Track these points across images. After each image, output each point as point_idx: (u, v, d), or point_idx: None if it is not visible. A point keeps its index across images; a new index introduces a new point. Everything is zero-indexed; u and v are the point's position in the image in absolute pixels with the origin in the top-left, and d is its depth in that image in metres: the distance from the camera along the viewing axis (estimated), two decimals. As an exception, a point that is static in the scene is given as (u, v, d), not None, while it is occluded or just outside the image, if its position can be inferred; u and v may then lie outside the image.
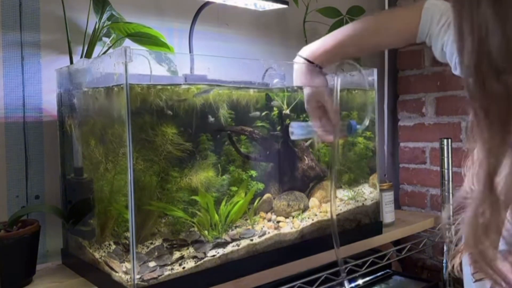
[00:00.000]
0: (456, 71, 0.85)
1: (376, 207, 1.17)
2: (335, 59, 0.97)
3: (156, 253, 0.80)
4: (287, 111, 1.01)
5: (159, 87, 0.81)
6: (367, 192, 1.15)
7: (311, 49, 0.96)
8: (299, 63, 0.96)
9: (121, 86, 0.75)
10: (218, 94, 0.90)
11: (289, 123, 1.00)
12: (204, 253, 0.84)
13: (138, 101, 0.77)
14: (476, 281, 0.52)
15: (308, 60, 0.95)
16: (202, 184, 0.86)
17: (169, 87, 0.83)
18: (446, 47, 0.85)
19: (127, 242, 0.76)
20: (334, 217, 0.95)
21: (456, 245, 0.54)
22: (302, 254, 0.98)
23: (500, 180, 0.46)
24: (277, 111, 1.00)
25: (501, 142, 0.45)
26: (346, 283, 1.01)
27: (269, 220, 0.97)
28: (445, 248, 1.37)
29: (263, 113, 0.98)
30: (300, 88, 0.99)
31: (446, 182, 1.34)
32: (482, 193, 0.47)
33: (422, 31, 0.90)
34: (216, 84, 0.90)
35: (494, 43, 0.43)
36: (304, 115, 1.04)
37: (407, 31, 0.93)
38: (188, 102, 0.85)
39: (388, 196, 1.26)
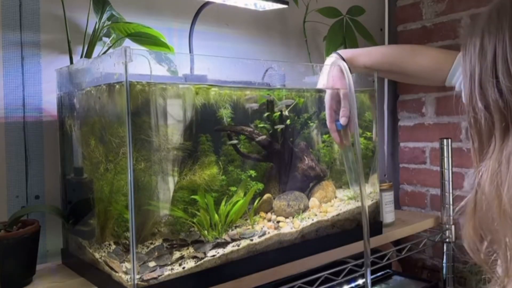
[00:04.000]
0: None
1: (376, 207, 1.17)
2: (367, 66, 1.11)
3: (156, 253, 0.80)
4: (286, 112, 1.01)
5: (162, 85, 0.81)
6: (367, 192, 1.15)
7: (352, 52, 1.12)
8: (329, 65, 1.07)
9: (122, 83, 0.75)
10: (219, 94, 0.90)
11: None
12: (204, 253, 0.84)
13: (139, 100, 0.78)
14: None
15: (342, 59, 1.08)
16: (206, 182, 0.86)
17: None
18: None
19: (127, 242, 0.76)
20: (366, 207, 0.99)
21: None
22: (302, 254, 0.98)
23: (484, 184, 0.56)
24: (278, 113, 1.00)
25: (482, 153, 0.58)
26: (369, 273, 1.01)
27: (269, 220, 0.97)
28: (445, 248, 1.37)
29: (265, 114, 0.98)
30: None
31: (446, 182, 1.34)
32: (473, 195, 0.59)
33: (452, 74, 1.03)
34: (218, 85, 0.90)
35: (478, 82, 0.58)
36: (306, 116, 1.04)
37: (437, 69, 1.06)
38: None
39: (388, 196, 1.26)
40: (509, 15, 0.56)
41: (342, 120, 1.04)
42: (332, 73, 1.05)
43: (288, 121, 1.01)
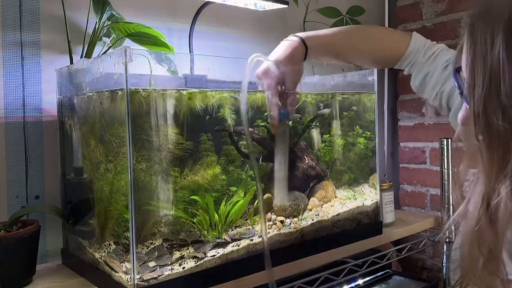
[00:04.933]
0: (434, 102, 0.94)
1: (376, 207, 1.17)
2: (324, 48, 0.98)
3: (156, 253, 0.80)
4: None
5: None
6: (367, 192, 1.15)
7: (307, 33, 0.98)
8: (290, 40, 0.96)
9: (123, 89, 0.75)
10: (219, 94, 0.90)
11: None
12: (204, 253, 0.84)
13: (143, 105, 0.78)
14: None
15: (302, 41, 0.95)
16: (208, 182, 0.86)
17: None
18: (431, 77, 0.91)
19: (127, 242, 0.76)
20: (265, 238, 0.88)
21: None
22: (302, 254, 0.98)
23: (498, 205, 0.49)
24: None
25: (499, 171, 0.48)
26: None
27: (269, 220, 0.97)
28: (445, 248, 1.37)
29: (265, 114, 0.98)
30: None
31: (446, 182, 1.34)
32: (477, 215, 0.50)
33: (406, 56, 0.96)
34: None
35: (505, 82, 0.47)
36: (312, 117, 1.04)
37: (394, 50, 0.98)
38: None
39: (388, 196, 1.26)
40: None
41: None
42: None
43: (290, 122, 1.01)
